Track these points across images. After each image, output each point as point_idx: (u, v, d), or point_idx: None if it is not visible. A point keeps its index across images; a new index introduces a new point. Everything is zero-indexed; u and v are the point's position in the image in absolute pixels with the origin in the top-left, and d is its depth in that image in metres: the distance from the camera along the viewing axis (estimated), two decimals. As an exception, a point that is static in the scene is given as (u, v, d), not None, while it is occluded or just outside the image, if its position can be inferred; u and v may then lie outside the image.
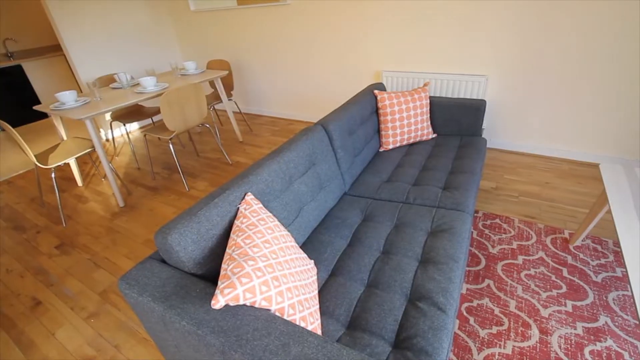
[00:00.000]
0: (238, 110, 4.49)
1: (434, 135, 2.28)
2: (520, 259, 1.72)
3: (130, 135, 3.70)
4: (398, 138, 2.13)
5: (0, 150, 3.99)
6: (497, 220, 2.02)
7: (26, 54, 5.13)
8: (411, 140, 2.19)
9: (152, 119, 4.05)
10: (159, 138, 2.48)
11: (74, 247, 2.16)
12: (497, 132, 2.84)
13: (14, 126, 4.85)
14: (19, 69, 4.71)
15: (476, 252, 1.79)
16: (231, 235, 1.02)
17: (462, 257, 1.22)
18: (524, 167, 2.57)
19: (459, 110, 2.20)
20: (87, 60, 3.64)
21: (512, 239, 1.86)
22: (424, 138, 2.22)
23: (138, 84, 2.94)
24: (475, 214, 2.09)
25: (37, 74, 4.89)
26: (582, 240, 1.81)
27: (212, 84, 4.09)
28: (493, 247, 1.81)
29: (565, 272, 1.63)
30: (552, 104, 2.52)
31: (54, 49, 5.40)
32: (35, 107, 2.49)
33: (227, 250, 0.97)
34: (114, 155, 3.54)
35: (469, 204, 1.52)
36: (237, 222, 1.05)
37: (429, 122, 2.23)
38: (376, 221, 1.48)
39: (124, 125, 3.23)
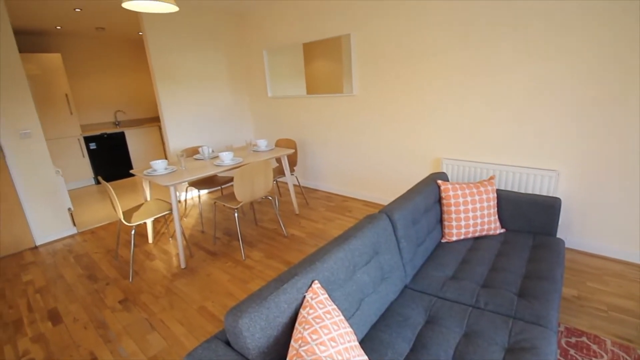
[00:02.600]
0: (297, 184, 4.75)
1: (502, 230, 2.15)
2: (622, 396, 1.42)
3: (199, 199, 4.06)
4: (462, 230, 2.05)
5: (91, 201, 4.58)
6: (584, 339, 1.73)
7: (129, 123, 6.19)
8: (477, 234, 2.09)
9: (221, 187, 4.43)
10: (224, 205, 2.74)
11: (135, 304, 2.27)
12: (574, 231, 2.59)
13: (106, 181, 5.62)
14: (121, 135, 5.64)
15: (562, 377, 1.52)
16: (297, 326, 1.01)
17: (550, 388, 1.05)
18: (611, 275, 2.26)
19: (529, 206, 2.09)
20: (176, 132, 4.25)
21: (608, 368, 1.56)
22: (491, 232, 2.11)
23: (217, 156, 3.31)
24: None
25: (134, 139, 5.80)
26: None
27: (278, 159, 4.45)
28: (583, 374, 1.53)
29: None
30: (640, 207, 2.28)
31: (151, 120, 6.46)
32: (132, 171, 2.89)
33: (292, 343, 0.95)
34: (183, 216, 3.85)
35: (552, 319, 1.35)
36: (303, 312, 1.05)
37: (497, 217, 2.13)
38: (442, 325, 1.36)
39: (198, 190, 3.57)
